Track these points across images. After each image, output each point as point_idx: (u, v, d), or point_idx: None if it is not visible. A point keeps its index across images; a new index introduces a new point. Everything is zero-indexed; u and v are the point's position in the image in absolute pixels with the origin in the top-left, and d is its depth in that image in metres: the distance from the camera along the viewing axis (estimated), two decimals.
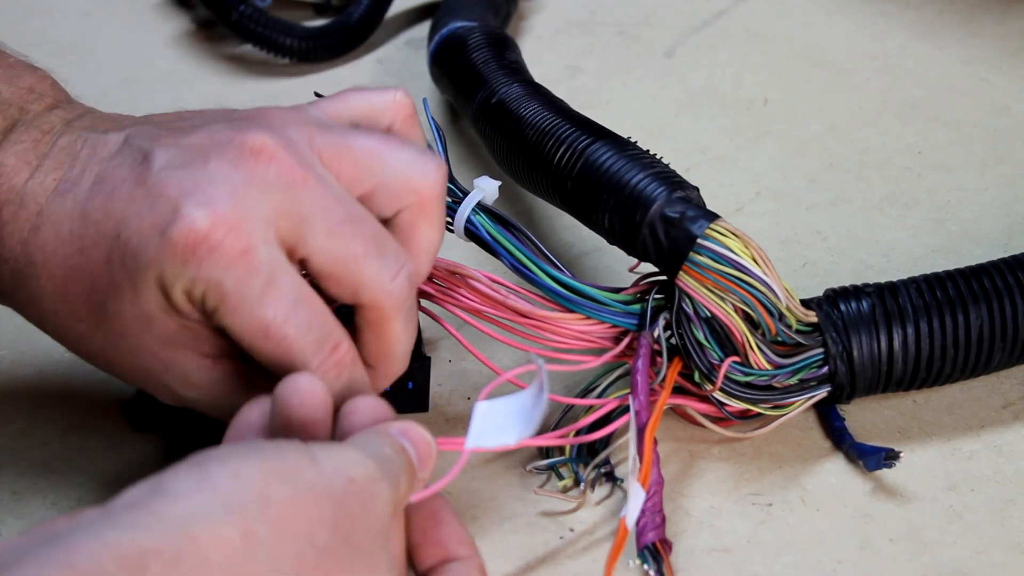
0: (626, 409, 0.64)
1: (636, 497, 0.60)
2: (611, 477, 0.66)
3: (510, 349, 0.68)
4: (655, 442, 0.62)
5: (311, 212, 0.57)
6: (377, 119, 0.63)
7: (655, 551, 0.61)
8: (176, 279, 0.56)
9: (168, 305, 0.57)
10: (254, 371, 0.59)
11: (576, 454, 0.67)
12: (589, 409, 0.67)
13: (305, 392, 0.55)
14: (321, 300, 0.58)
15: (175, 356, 0.58)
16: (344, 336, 0.58)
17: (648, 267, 0.68)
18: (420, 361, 0.68)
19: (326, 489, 0.50)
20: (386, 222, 0.61)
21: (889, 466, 0.66)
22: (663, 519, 0.62)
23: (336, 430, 0.57)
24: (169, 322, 0.57)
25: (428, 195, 0.60)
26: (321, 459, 0.51)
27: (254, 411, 0.56)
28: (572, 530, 0.64)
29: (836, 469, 0.67)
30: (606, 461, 0.66)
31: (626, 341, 0.67)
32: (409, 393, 0.69)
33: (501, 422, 0.57)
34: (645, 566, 0.61)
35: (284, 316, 0.56)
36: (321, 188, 0.58)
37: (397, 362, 0.61)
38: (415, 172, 0.60)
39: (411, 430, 0.56)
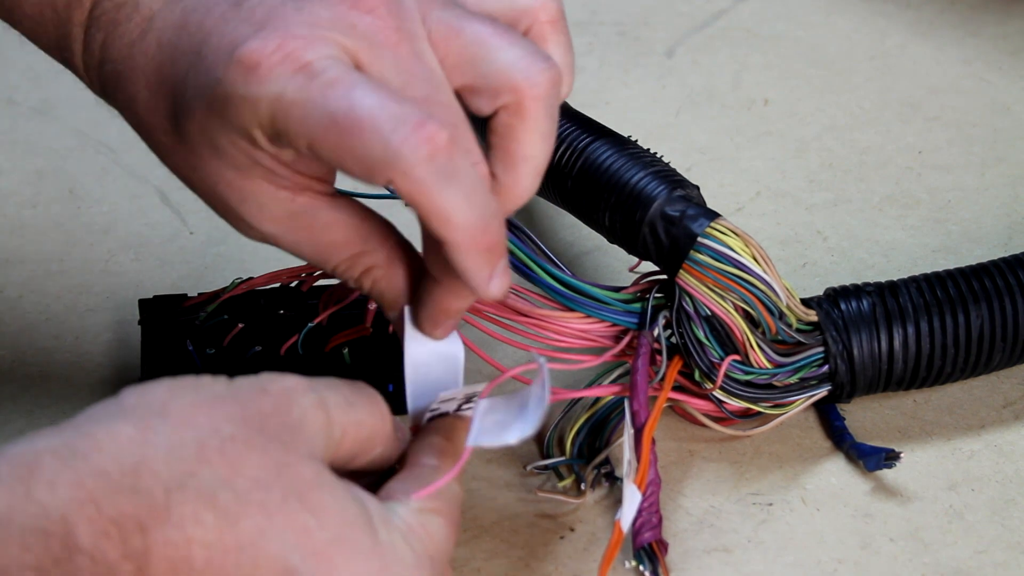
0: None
1: (632, 499, 0.60)
2: (611, 477, 0.66)
3: (511, 348, 0.68)
4: (652, 442, 0.62)
5: (389, 76, 0.54)
6: (515, 21, 0.58)
7: (651, 552, 0.61)
8: (240, 104, 0.53)
9: (234, 133, 0.54)
10: (339, 211, 0.57)
11: (576, 454, 0.67)
12: (592, 406, 0.67)
13: None
14: (400, 94, 0.53)
15: (251, 185, 0.56)
16: (434, 118, 0.52)
17: (649, 266, 0.68)
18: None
19: (233, 395, 0.50)
20: (488, 123, 0.56)
21: (889, 466, 0.66)
22: (660, 519, 0.62)
23: None
24: (237, 154, 0.55)
25: (526, 96, 0.55)
26: (238, 379, 0.51)
27: None
28: (572, 530, 0.64)
29: (836, 469, 0.67)
30: (606, 461, 0.66)
31: (626, 340, 0.67)
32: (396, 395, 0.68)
33: (502, 420, 0.57)
34: (641, 567, 0.61)
35: (349, 103, 0.52)
36: (411, 60, 0.54)
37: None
38: (517, 69, 0.55)
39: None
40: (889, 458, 0.65)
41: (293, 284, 0.71)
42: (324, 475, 0.51)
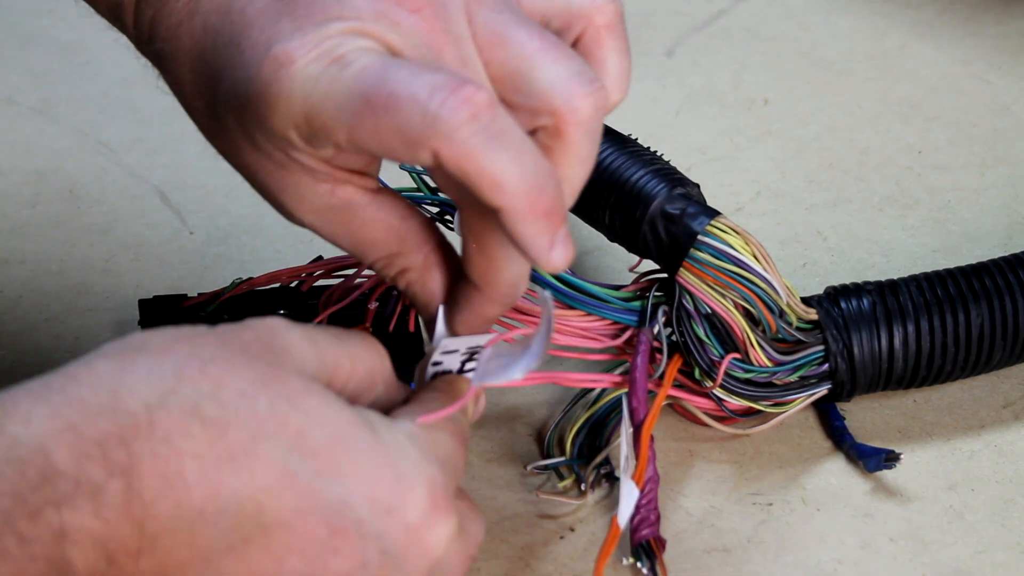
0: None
1: (629, 495, 0.60)
2: (612, 477, 0.66)
3: None
4: (651, 439, 0.62)
5: None
6: (571, 24, 0.56)
7: (649, 548, 0.61)
8: (274, 104, 0.52)
9: (270, 134, 0.53)
10: (378, 209, 0.56)
11: (577, 454, 0.67)
12: (592, 406, 0.67)
13: None
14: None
15: (290, 177, 0.54)
16: (471, 81, 0.50)
17: (649, 266, 0.68)
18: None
19: (213, 332, 0.49)
20: None
21: (889, 467, 0.66)
22: (658, 516, 0.62)
23: None
24: (274, 151, 0.54)
25: (566, 121, 0.52)
26: (219, 325, 0.50)
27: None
28: (572, 530, 0.64)
29: (836, 469, 0.67)
30: (606, 461, 0.66)
31: (625, 337, 0.67)
32: None
33: (506, 362, 0.55)
34: (639, 564, 0.61)
35: (382, 78, 0.50)
36: (456, 64, 0.53)
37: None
38: (558, 92, 0.52)
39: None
40: (889, 459, 0.65)
41: (293, 284, 0.71)
42: (313, 385, 0.49)
